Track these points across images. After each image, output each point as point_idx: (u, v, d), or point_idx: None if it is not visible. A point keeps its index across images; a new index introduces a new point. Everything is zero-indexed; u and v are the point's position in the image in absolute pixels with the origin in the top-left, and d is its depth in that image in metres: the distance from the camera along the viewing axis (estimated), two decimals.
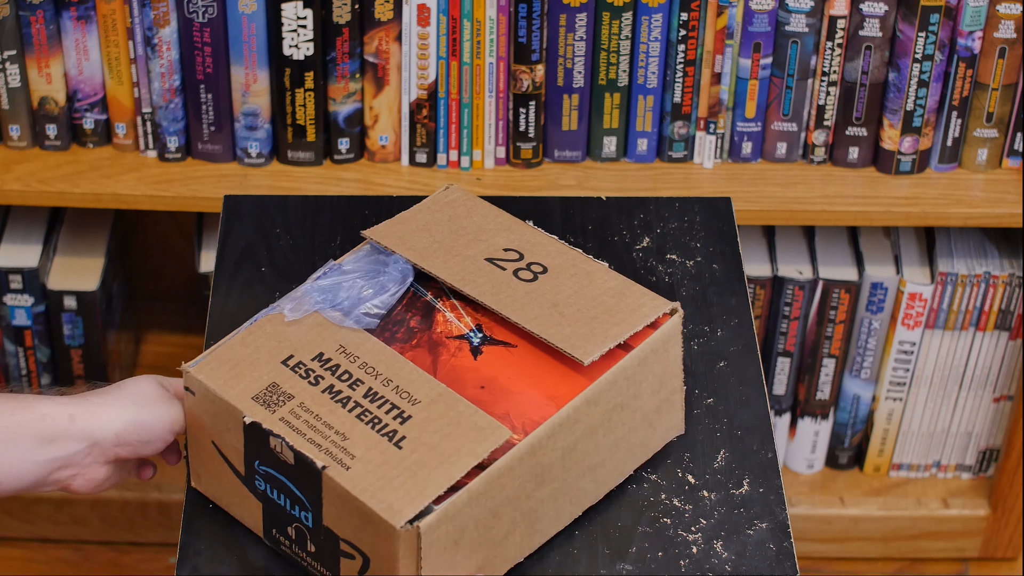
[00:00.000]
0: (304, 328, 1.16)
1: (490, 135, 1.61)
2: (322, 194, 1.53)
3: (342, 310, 1.17)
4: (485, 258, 1.21)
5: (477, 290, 1.18)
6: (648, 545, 1.16)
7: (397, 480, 1.05)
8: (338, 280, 1.19)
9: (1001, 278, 1.68)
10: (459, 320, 1.18)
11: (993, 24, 1.55)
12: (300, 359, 1.13)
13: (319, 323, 1.16)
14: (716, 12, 1.55)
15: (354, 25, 1.54)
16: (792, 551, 1.16)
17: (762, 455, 1.22)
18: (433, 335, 1.17)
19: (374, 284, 1.19)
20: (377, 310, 1.18)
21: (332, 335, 1.15)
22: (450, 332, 1.17)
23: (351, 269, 1.21)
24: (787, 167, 1.64)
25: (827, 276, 1.70)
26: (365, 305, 1.18)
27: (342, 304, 1.17)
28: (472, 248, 1.22)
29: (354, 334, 1.15)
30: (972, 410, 1.79)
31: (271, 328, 1.16)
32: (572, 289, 1.19)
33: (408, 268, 1.21)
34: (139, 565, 1.84)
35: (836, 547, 1.86)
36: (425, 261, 1.21)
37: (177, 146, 1.61)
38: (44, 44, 1.55)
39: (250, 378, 1.11)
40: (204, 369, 1.12)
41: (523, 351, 1.16)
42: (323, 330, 1.15)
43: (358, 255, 1.23)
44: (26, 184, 1.59)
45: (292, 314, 1.16)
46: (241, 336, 1.15)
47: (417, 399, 1.10)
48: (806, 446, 1.83)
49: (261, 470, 1.10)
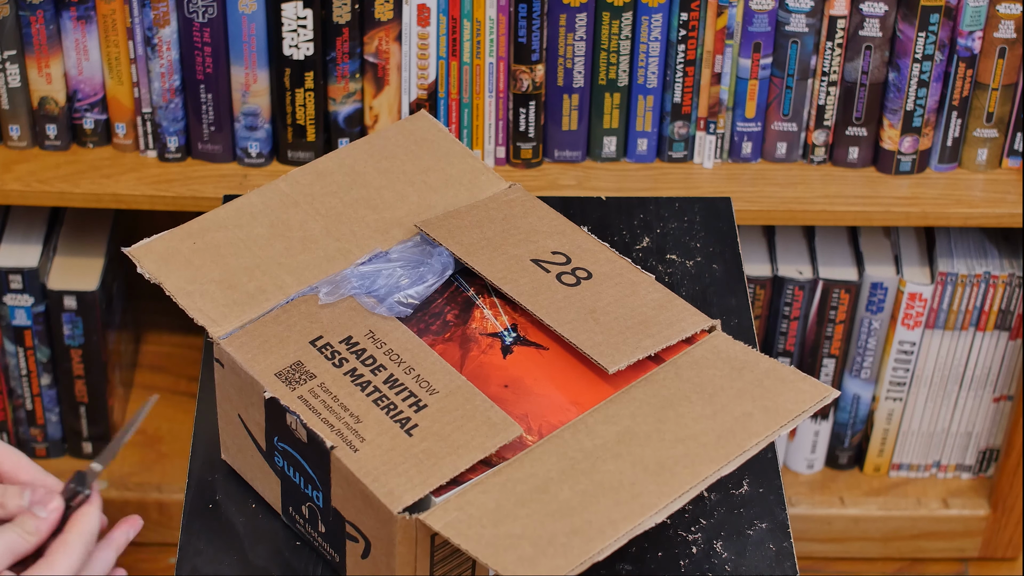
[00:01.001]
0: (337, 311, 1.17)
1: (490, 135, 1.61)
2: None
3: (377, 296, 1.18)
4: (531, 259, 1.21)
5: (516, 289, 1.18)
6: (648, 545, 1.16)
7: (402, 466, 1.05)
8: (379, 267, 1.20)
9: (1001, 278, 1.68)
10: (496, 318, 1.19)
11: (993, 24, 1.55)
12: (328, 340, 1.14)
13: (352, 307, 1.17)
14: (716, 12, 1.55)
15: (354, 25, 1.54)
16: (792, 551, 1.16)
17: (762, 455, 1.22)
18: (467, 330, 1.17)
19: (413, 274, 1.20)
20: (412, 300, 1.18)
21: (363, 320, 1.16)
22: (485, 329, 1.18)
23: (395, 258, 1.21)
24: (787, 167, 1.64)
25: (827, 276, 1.70)
26: (400, 294, 1.18)
27: (378, 291, 1.18)
28: (520, 248, 1.22)
29: (385, 321, 1.16)
30: (972, 410, 1.79)
31: (305, 308, 1.17)
32: (613, 297, 1.18)
33: (450, 261, 1.21)
34: (139, 565, 1.84)
35: (836, 547, 1.86)
36: (469, 256, 1.21)
37: (177, 146, 1.61)
38: (44, 44, 1.55)
39: (277, 355, 1.13)
40: (234, 342, 1.13)
41: (554, 354, 1.16)
42: (355, 314, 1.16)
43: (406, 244, 1.23)
44: (26, 184, 1.59)
45: (328, 297, 1.17)
46: (275, 314, 1.16)
47: (436, 389, 1.11)
48: (806, 446, 1.83)
49: (279, 446, 1.11)
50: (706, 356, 1.14)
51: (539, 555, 1.00)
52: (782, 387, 1.12)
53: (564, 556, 0.99)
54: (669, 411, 1.10)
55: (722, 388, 1.12)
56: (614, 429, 1.09)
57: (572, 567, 0.98)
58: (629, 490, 1.04)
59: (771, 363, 1.14)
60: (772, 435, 1.08)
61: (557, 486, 1.05)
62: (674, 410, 1.10)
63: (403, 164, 1.29)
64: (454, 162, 1.30)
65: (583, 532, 1.01)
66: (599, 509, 1.03)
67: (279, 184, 1.26)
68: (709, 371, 1.13)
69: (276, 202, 1.25)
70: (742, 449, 1.07)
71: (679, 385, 1.12)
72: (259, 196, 1.25)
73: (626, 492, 1.04)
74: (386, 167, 1.29)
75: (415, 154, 1.30)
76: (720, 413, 1.10)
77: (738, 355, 1.15)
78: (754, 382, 1.12)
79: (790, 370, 1.14)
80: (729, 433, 1.08)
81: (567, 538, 1.01)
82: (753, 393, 1.11)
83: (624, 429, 1.09)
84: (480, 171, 1.30)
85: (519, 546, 1.00)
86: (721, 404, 1.11)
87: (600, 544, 1.00)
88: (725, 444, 1.08)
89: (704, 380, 1.13)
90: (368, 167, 1.28)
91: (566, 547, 1.00)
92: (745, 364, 1.14)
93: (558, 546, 1.00)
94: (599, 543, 1.00)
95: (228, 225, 1.22)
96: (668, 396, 1.11)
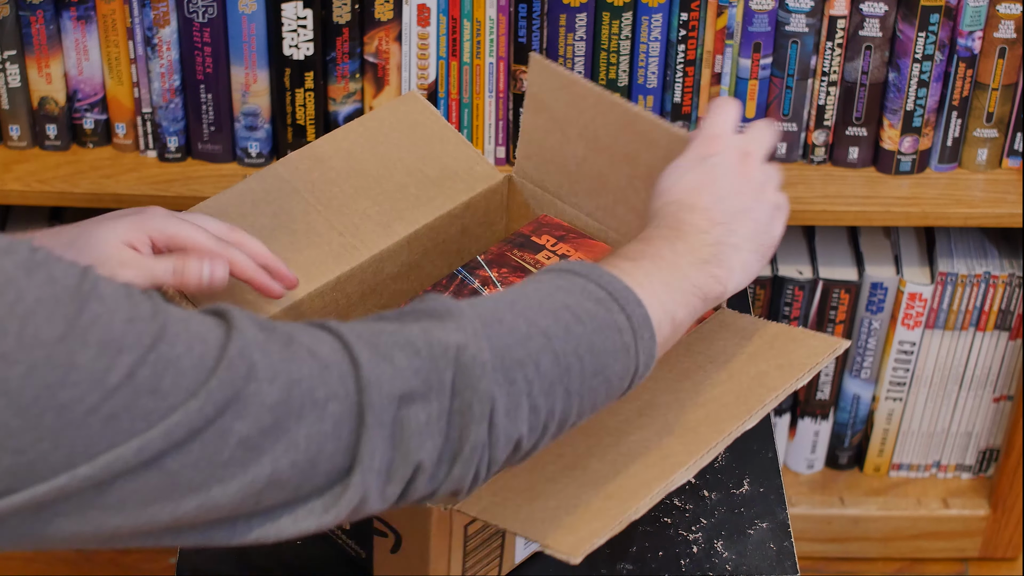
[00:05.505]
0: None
1: (490, 135, 1.61)
2: None
3: None
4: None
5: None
6: (648, 544, 1.16)
7: None
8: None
9: (1001, 278, 1.68)
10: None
11: (993, 24, 1.55)
12: None
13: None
14: (716, 12, 1.55)
15: (354, 25, 1.54)
16: (792, 551, 1.16)
17: (762, 455, 1.22)
18: None
19: None
20: None
21: None
22: None
23: None
24: (787, 167, 1.64)
25: (827, 276, 1.70)
26: None
27: None
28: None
29: None
30: (972, 410, 1.79)
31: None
32: None
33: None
34: (139, 565, 1.84)
35: (836, 547, 1.86)
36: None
37: (177, 146, 1.61)
38: (44, 44, 1.55)
39: None
40: None
41: None
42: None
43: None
44: (26, 184, 1.59)
45: None
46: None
47: None
48: (806, 446, 1.83)
49: None
50: (714, 330, 1.14)
51: (577, 521, 0.99)
52: (793, 345, 1.11)
53: (601, 519, 0.98)
54: (685, 382, 1.10)
55: (734, 355, 1.12)
56: (634, 405, 1.08)
57: (610, 528, 0.97)
58: (657, 453, 1.03)
59: (780, 327, 1.14)
60: (790, 387, 1.07)
61: (586, 460, 1.04)
62: (690, 380, 1.10)
63: (399, 151, 1.29)
64: (449, 150, 1.30)
65: (617, 496, 1.00)
66: (630, 474, 1.02)
67: (277, 168, 1.25)
68: (720, 342, 1.13)
69: (276, 189, 1.24)
70: (762, 403, 1.06)
71: (692, 358, 1.12)
72: (258, 182, 1.24)
73: (654, 455, 1.03)
74: (382, 153, 1.29)
75: (410, 139, 1.30)
76: (736, 376, 1.10)
77: (746, 325, 1.14)
78: (765, 345, 1.12)
79: (799, 330, 1.13)
80: (747, 391, 1.08)
81: (603, 503, 1.00)
82: (766, 354, 1.11)
83: (644, 403, 1.08)
84: (475, 160, 1.30)
85: (557, 516, 1.00)
86: (736, 368, 1.10)
87: (635, 504, 0.99)
88: (745, 401, 1.07)
89: (715, 351, 1.12)
90: (365, 152, 1.28)
91: (602, 511, 0.99)
92: (755, 331, 1.14)
93: (595, 511, 1.00)
94: (634, 503, 0.99)
95: (231, 213, 1.21)
96: (683, 369, 1.11)
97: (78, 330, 0.75)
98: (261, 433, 0.80)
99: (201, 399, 0.77)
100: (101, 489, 0.77)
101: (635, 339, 0.95)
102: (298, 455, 0.81)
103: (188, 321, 0.80)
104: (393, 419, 0.84)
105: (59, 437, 0.74)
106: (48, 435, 0.74)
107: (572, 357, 0.92)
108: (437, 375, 0.86)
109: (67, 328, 0.74)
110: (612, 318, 0.95)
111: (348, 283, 1.20)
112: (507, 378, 0.88)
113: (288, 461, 0.81)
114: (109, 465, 0.76)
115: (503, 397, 0.88)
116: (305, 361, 0.82)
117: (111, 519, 0.78)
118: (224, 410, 0.78)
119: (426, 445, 0.85)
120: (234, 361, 0.79)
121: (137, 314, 0.77)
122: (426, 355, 0.86)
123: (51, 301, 0.74)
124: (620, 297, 0.95)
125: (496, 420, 0.88)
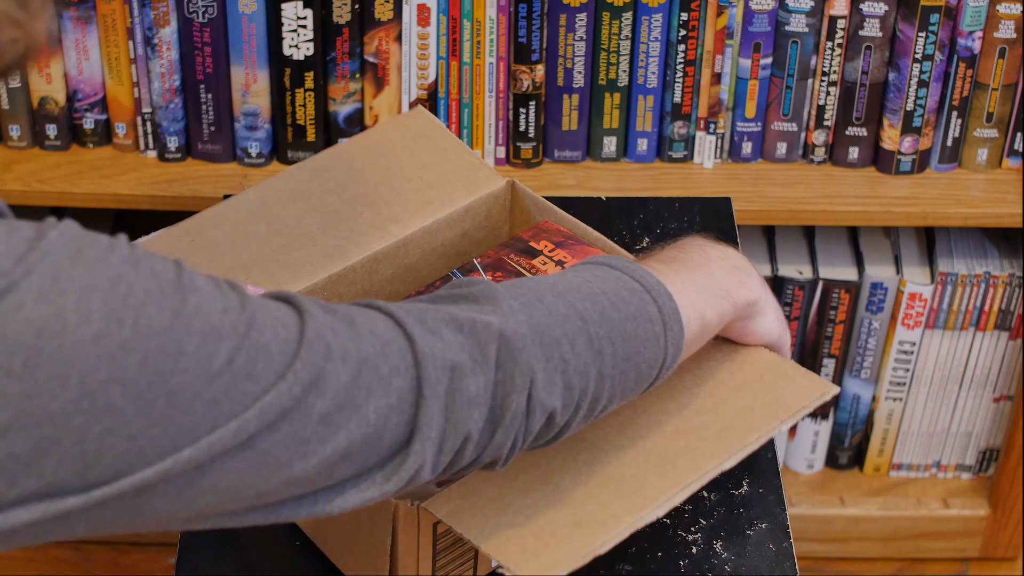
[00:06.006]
0: None
1: (490, 135, 1.61)
2: None
3: None
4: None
5: None
6: (647, 545, 1.16)
7: None
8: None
9: (1001, 278, 1.68)
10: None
11: (993, 24, 1.55)
12: None
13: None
14: (716, 12, 1.55)
15: (354, 25, 1.54)
16: (792, 551, 1.16)
17: (762, 455, 1.22)
18: None
19: None
20: None
21: None
22: None
23: None
24: (787, 167, 1.64)
25: (827, 276, 1.70)
26: None
27: None
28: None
29: None
30: (972, 410, 1.79)
31: None
32: None
33: None
34: (139, 565, 1.84)
35: (836, 547, 1.86)
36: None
37: (177, 146, 1.61)
38: (44, 44, 1.55)
39: None
40: None
41: None
42: None
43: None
44: (26, 184, 1.59)
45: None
46: None
47: None
48: (806, 446, 1.83)
49: None
50: (707, 348, 1.15)
51: (541, 547, 1.00)
52: (782, 382, 1.12)
53: (566, 548, 0.99)
54: (670, 403, 1.10)
55: (723, 381, 1.12)
56: (616, 419, 1.09)
57: (574, 560, 0.99)
58: (631, 483, 1.04)
59: (772, 357, 1.15)
60: (772, 430, 1.09)
61: (559, 476, 1.05)
62: (675, 402, 1.11)
63: (400, 160, 1.29)
64: (451, 158, 1.30)
65: (585, 524, 1.01)
66: (601, 501, 1.03)
67: (276, 181, 1.26)
68: (710, 362, 1.14)
69: (273, 199, 1.24)
70: (743, 444, 1.07)
71: (679, 375, 1.12)
72: (257, 193, 1.25)
73: (628, 484, 1.04)
74: (383, 163, 1.29)
75: (412, 150, 1.30)
76: (721, 406, 1.10)
77: (738, 347, 1.15)
78: (755, 376, 1.13)
79: (791, 364, 1.14)
80: (730, 427, 1.09)
81: (569, 530, 1.01)
82: (754, 387, 1.12)
83: (626, 419, 1.09)
84: (477, 167, 1.30)
85: (522, 536, 1.01)
86: (722, 397, 1.11)
87: (602, 537, 1.00)
88: (726, 438, 1.08)
89: (705, 372, 1.13)
90: (366, 163, 1.28)
91: (568, 539, 1.00)
92: (746, 357, 1.15)
93: (560, 538, 1.00)
94: (601, 536, 1.00)
95: (226, 222, 1.22)
96: (669, 386, 1.12)
97: (183, 319, 0.79)
98: (338, 409, 0.85)
99: (289, 380, 0.82)
100: (200, 471, 0.81)
101: (665, 330, 1.00)
102: (368, 428, 0.86)
103: (268, 308, 0.85)
104: (446, 390, 0.89)
105: (168, 422, 0.79)
106: (159, 420, 0.78)
107: (605, 341, 0.96)
108: (481, 349, 0.90)
109: (174, 318, 0.79)
110: (644, 308, 0.99)
111: (340, 283, 1.20)
112: (545, 354, 0.93)
113: (360, 435, 0.86)
114: (211, 447, 0.80)
115: (541, 372, 0.92)
116: (368, 339, 0.87)
117: (202, 498, 0.82)
118: (309, 390, 0.83)
119: (474, 415, 0.90)
120: (312, 343, 0.84)
121: (229, 304, 0.82)
122: (469, 331, 0.91)
123: (157, 293, 0.79)
124: (652, 289, 1.00)
125: (534, 392, 0.92)
